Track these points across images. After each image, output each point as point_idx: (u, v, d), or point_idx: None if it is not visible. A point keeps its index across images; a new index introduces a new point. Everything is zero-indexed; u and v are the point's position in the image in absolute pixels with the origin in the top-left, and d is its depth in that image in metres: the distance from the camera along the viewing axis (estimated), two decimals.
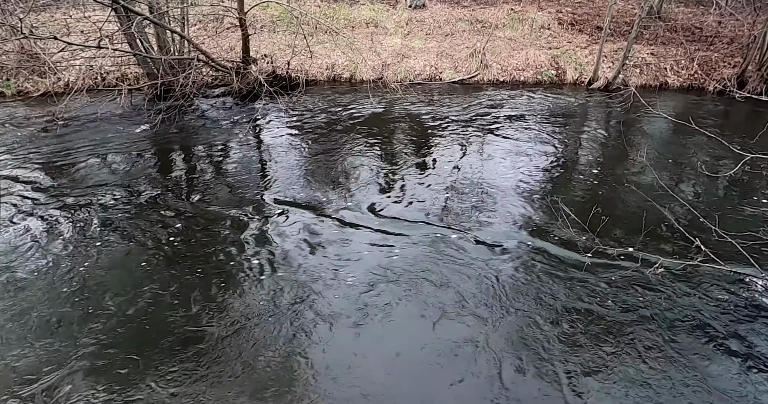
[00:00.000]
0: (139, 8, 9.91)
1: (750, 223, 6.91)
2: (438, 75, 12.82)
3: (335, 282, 5.80)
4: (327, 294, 5.61)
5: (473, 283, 5.79)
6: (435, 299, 5.56)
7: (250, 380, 4.62)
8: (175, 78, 10.17)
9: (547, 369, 4.78)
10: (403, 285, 5.75)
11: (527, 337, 5.12)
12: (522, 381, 4.68)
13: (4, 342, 4.92)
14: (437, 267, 6.03)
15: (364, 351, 4.96)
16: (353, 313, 5.37)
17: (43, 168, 8.20)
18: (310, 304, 5.48)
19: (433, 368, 4.77)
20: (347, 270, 5.98)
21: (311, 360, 4.83)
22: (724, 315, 5.49)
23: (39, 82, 11.03)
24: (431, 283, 5.78)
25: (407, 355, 4.91)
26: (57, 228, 6.64)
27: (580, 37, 14.32)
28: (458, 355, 4.89)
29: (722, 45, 13.69)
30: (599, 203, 7.28)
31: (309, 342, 5.03)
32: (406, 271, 5.96)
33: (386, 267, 6.03)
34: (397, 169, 8.42)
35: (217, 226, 6.76)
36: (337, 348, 4.96)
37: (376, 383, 4.62)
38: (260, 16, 13.97)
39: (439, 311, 5.40)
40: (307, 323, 5.24)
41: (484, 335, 5.11)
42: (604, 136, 10.21)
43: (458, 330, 5.16)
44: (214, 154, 8.89)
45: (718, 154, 8.91)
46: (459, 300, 5.54)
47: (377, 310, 5.41)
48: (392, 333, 5.15)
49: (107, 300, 5.47)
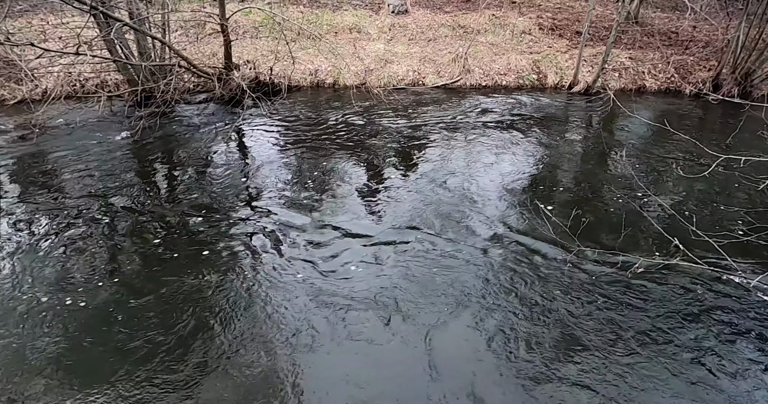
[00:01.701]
0: (118, 14, 9.79)
1: (726, 222, 7.07)
2: (421, 80, 12.90)
3: (322, 288, 5.78)
4: (312, 301, 5.59)
5: (454, 286, 5.82)
6: (418, 301, 5.58)
7: (238, 390, 4.59)
8: (156, 84, 10.07)
9: (529, 369, 4.82)
10: (390, 291, 5.76)
11: (508, 339, 5.16)
12: (502, 383, 4.71)
13: None
14: (418, 271, 6.05)
15: (357, 355, 4.95)
16: (339, 320, 5.36)
17: (19, 177, 8.05)
18: (290, 312, 5.46)
19: (426, 372, 4.78)
20: (334, 277, 5.96)
21: (301, 370, 4.81)
22: (703, 312, 5.59)
23: (15, 89, 10.81)
24: (414, 286, 5.80)
25: (401, 363, 4.92)
26: (33, 238, 6.52)
27: (560, 42, 14.54)
28: (446, 354, 4.91)
29: (697, 49, 14.02)
30: (580, 205, 7.38)
31: (296, 351, 5.01)
32: (392, 277, 5.97)
33: (373, 272, 6.04)
34: (380, 174, 8.43)
35: (200, 234, 6.69)
36: (326, 357, 4.95)
37: (372, 391, 4.61)
38: (243, 22, 13.93)
39: (422, 311, 5.42)
40: (293, 331, 5.22)
41: (465, 340, 5.14)
42: (585, 139, 10.36)
43: (446, 331, 5.18)
44: (196, 160, 8.82)
45: (695, 155, 9.10)
46: (443, 302, 5.56)
47: (366, 316, 5.41)
48: (381, 341, 5.15)
49: (88, 309, 5.38)
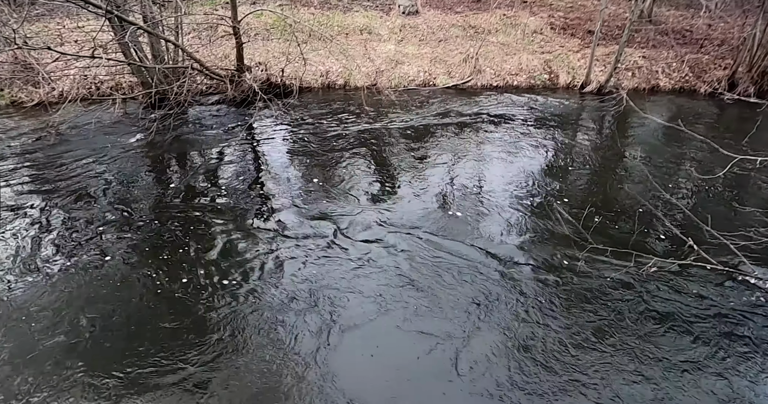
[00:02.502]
0: (133, 18, 9.93)
1: (741, 223, 6.96)
2: (432, 80, 12.89)
3: (334, 291, 5.81)
4: (325, 303, 5.62)
5: (468, 286, 5.82)
6: (429, 301, 5.59)
7: (247, 390, 4.63)
8: (169, 86, 10.20)
9: (542, 368, 4.80)
10: (401, 292, 5.77)
11: (520, 337, 5.14)
12: (518, 379, 4.69)
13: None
14: (432, 272, 6.05)
15: (368, 357, 4.97)
16: (354, 322, 5.39)
17: (37, 178, 8.19)
18: (305, 313, 5.49)
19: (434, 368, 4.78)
20: (347, 280, 5.99)
21: (309, 369, 4.84)
22: (717, 313, 5.52)
23: (33, 92, 11.01)
24: (427, 286, 5.81)
25: (410, 361, 4.93)
26: (50, 238, 6.63)
27: (572, 42, 14.43)
28: (455, 349, 4.91)
29: (712, 47, 13.82)
30: (593, 204, 7.33)
31: (310, 351, 5.04)
32: (405, 278, 5.98)
33: (386, 275, 6.05)
34: (393, 175, 8.44)
35: (213, 235, 6.76)
36: (340, 357, 4.98)
37: (380, 391, 4.62)
38: (254, 24, 14.03)
39: (434, 312, 5.42)
40: (306, 333, 5.25)
41: (475, 337, 5.13)
42: (597, 139, 10.28)
43: (457, 329, 5.18)
44: (209, 161, 8.91)
45: (709, 155, 8.97)
46: (456, 302, 5.56)
47: (379, 317, 5.43)
48: (393, 342, 5.17)
49: (103, 310, 5.46)
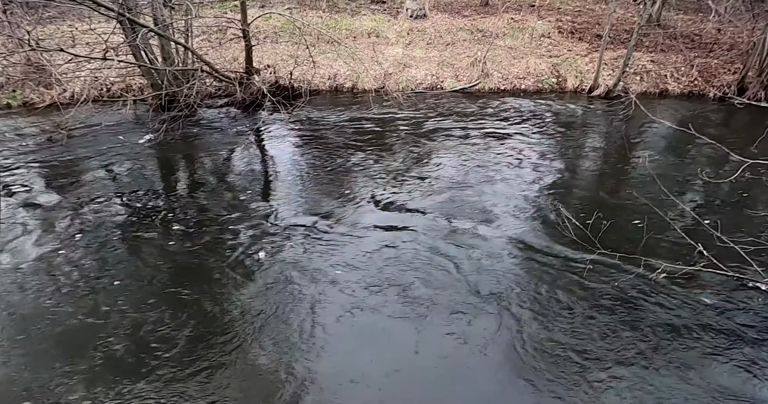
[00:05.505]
0: (143, 20, 10.04)
1: (751, 229, 6.91)
2: (439, 84, 12.91)
3: (345, 292, 5.84)
4: (334, 304, 5.65)
5: (473, 290, 5.82)
6: (438, 304, 5.59)
7: (251, 387, 4.65)
8: (179, 88, 10.28)
9: (550, 371, 4.79)
10: (409, 297, 5.78)
11: (527, 340, 5.14)
12: (519, 380, 4.69)
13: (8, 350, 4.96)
14: (440, 276, 6.07)
15: (378, 351, 4.99)
16: (363, 320, 5.41)
17: (48, 178, 8.28)
18: (312, 313, 5.52)
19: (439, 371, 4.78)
20: (356, 281, 6.02)
21: (315, 366, 4.86)
22: (727, 319, 5.48)
23: (45, 93, 11.13)
24: (435, 290, 5.82)
25: (413, 357, 4.93)
26: (61, 236, 6.69)
27: (580, 45, 14.41)
28: (464, 351, 4.90)
29: (722, 51, 13.75)
30: (601, 208, 7.30)
31: (317, 349, 5.06)
32: (412, 283, 6.00)
33: (393, 278, 6.08)
34: (401, 179, 8.46)
35: (221, 236, 6.80)
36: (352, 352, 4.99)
37: (380, 388, 4.63)
38: (263, 27, 14.12)
39: (439, 314, 5.43)
40: (312, 330, 5.28)
41: (483, 339, 5.13)
42: (606, 143, 10.25)
43: (465, 331, 5.19)
44: (218, 163, 8.97)
45: (719, 160, 8.93)
46: (465, 305, 5.56)
47: (387, 315, 5.45)
48: (396, 340, 5.18)
49: (111, 309, 5.51)
